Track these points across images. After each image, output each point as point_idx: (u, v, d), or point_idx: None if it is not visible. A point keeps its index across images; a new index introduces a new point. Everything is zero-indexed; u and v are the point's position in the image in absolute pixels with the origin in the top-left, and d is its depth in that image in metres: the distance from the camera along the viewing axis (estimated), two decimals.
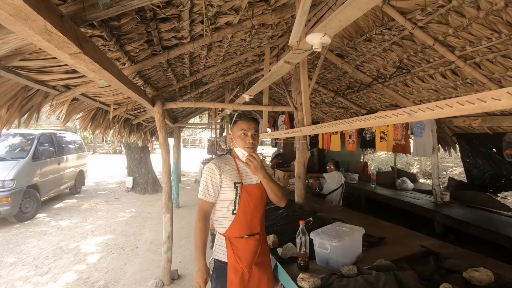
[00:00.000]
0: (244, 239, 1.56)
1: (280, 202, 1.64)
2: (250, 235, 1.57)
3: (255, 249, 1.57)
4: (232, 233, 1.56)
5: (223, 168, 1.57)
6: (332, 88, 4.46)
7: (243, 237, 1.56)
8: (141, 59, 2.31)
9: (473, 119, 3.13)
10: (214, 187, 1.55)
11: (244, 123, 1.57)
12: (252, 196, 1.58)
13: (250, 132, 1.57)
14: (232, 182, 1.55)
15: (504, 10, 1.68)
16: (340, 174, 4.40)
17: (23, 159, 5.71)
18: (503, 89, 0.74)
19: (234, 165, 1.62)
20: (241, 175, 1.60)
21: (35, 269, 3.60)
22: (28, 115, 2.04)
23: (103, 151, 24.53)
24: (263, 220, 1.69)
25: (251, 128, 1.58)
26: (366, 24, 2.54)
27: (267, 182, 1.55)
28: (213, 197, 1.56)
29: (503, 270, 1.62)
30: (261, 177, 1.54)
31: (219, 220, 1.59)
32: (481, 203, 3.66)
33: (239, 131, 1.58)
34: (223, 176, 1.55)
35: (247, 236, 1.56)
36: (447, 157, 10.00)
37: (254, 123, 1.60)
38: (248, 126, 1.58)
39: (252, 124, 1.59)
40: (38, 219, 5.74)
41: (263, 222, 1.69)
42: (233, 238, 1.55)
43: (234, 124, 1.61)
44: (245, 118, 1.59)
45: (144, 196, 7.97)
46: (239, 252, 1.53)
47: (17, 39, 1.28)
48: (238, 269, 1.51)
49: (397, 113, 1.24)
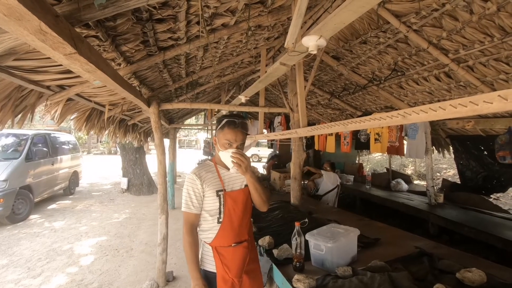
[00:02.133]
0: (232, 247, 1.50)
1: (263, 206, 1.58)
2: (238, 243, 1.52)
3: (244, 257, 1.52)
4: (219, 242, 1.50)
5: (204, 176, 1.51)
6: (328, 90, 4.48)
7: (231, 246, 1.50)
8: (136, 60, 2.30)
9: (467, 121, 3.17)
10: (198, 197, 1.49)
11: (231, 134, 1.48)
12: (237, 202, 1.53)
13: (235, 144, 1.49)
14: (214, 191, 1.49)
15: (497, 14, 1.71)
16: (335, 175, 4.43)
17: (16, 160, 5.63)
18: (494, 92, 0.75)
19: (216, 172, 1.56)
20: (223, 182, 1.54)
21: (28, 271, 3.55)
22: (22, 115, 2.02)
23: (98, 151, 24.31)
24: (250, 226, 1.64)
25: (237, 141, 1.49)
26: (362, 27, 2.56)
27: (253, 182, 1.49)
28: (198, 208, 1.50)
29: (495, 270, 1.64)
30: (248, 177, 1.48)
31: (204, 230, 1.53)
32: (474, 204, 3.71)
33: (224, 139, 1.50)
34: (205, 186, 1.49)
35: (234, 244, 1.51)
36: (441, 158, 10.11)
37: (242, 135, 1.51)
38: (234, 138, 1.49)
39: (240, 137, 1.50)
40: (31, 220, 5.67)
41: (250, 228, 1.64)
42: (220, 247, 1.49)
43: (221, 130, 1.52)
44: (234, 128, 1.49)
45: (139, 197, 7.92)
46: (228, 262, 1.48)
47: (11, 38, 1.26)
48: (228, 279, 1.45)
49: (392, 115, 1.26)
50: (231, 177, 1.57)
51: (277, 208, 3.04)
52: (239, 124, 1.50)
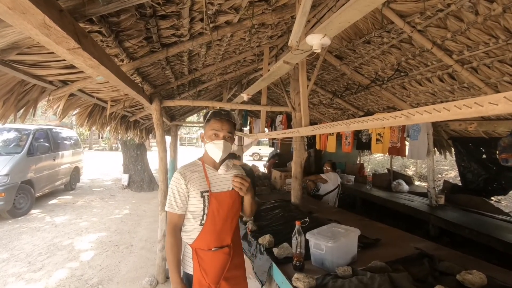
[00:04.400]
0: (212, 251, 1.43)
1: (249, 215, 1.63)
2: (218, 248, 1.45)
3: (223, 263, 1.44)
4: (199, 244, 1.44)
5: (190, 176, 1.45)
6: (330, 90, 4.47)
7: (211, 250, 1.43)
8: (139, 56, 2.30)
9: (469, 123, 3.16)
10: (182, 197, 1.43)
11: (216, 123, 1.42)
12: (223, 205, 1.45)
13: (222, 133, 1.42)
14: (199, 192, 1.43)
15: (502, 15, 1.70)
16: (336, 175, 4.43)
17: (18, 154, 5.65)
18: (500, 94, 0.74)
19: (203, 171, 1.49)
20: (209, 182, 1.47)
21: (28, 266, 3.57)
22: (24, 110, 2.02)
23: (99, 147, 24.37)
24: (236, 231, 1.57)
25: (224, 129, 1.43)
26: (366, 27, 2.55)
27: (250, 200, 1.52)
28: (181, 209, 1.44)
29: (496, 273, 1.64)
30: (249, 197, 1.50)
31: (187, 231, 1.47)
32: (475, 207, 3.70)
33: (210, 130, 1.44)
34: (190, 186, 1.43)
35: (215, 248, 1.44)
36: (443, 160, 10.07)
37: (228, 124, 1.44)
38: (220, 126, 1.42)
39: (226, 125, 1.43)
40: (32, 215, 5.69)
41: (236, 234, 1.57)
42: (200, 250, 1.43)
43: (207, 123, 1.47)
44: (220, 117, 1.44)
45: (139, 194, 7.94)
46: (206, 266, 1.41)
47: (14, 32, 1.26)
48: (204, 284, 1.40)
49: (395, 116, 1.25)
50: (220, 178, 1.50)
51: (277, 207, 3.04)
52: (225, 114, 1.46)
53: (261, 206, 3.05)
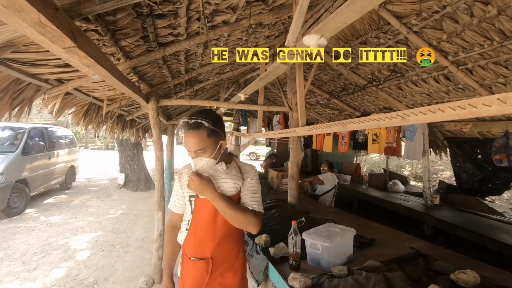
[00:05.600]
0: (191, 261, 1.32)
1: (247, 229, 1.29)
2: (197, 259, 1.31)
3: (199, 278, 1.29)
4: (185, 249, 1.37)
5: (184, 178, 1.37)
6: (327, 90, 4.48)
7: (190, 259, 1.33)
8: (136, 55, 2.29)
9: (464, 124, 3.18)
10: (179, 197, 1.40)
11: (185, 137, 1.23)
12: (203, 213, 1.30)
13: (191, 153, 1.25)
14: (187, 195, 1.36)
15: (497, 18, 1.72)
16: (333, 175, 4.44)
17: (13, 153, 5.60)
18: (493, 95, 0.75)
19: None
20: None
21: (23, 265, 3.54)
22: (19, 109, 2.00)
23: (95, 146, 24.20)
24: (225, 245, 1.33)
25: (191, 145, 1.22)
26: (362, 27, 2.56)
27: (217, 205, 1.24)
28: (179, 208, 1.41)
29: (490, 272, 1.66)
30: (209, 198, 1.24)
31: (181, 231, 1.41)
32: (470, 207, 3.74)
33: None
34: (183, 187, 1.37)
35: (193, 258, 1.31)
36: (438, 160, 10.16)
37: (197, 137, 1.21)
38: (188, 141, 1.23)
39: (194, 138, 1.21)
40: (27, 214, 5.64)
41: (223, 247, 1.33)
42: (184, 255, 1.36)
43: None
44: (186, 130, 1.23)
45: (136, 193, 7.90)
46: (185, 275, 1.34)
47: (9, 31, 1.25)
48: None
49: (391, 116, 1.26)
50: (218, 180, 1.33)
51: (274, 206, 3.05)
52: (193, 125, 1.22)
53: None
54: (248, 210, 1.28)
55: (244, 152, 14.42)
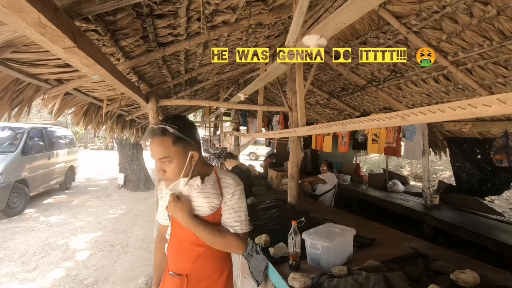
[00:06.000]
0: (170, 275, 1.25)
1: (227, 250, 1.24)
2: (174, 274, 1.23)
3: None
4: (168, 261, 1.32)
5: (164, 190, 1.30)
6: (327, 90, 4.49)
7: (169, 273, 1.27)
8: (136, 55, 2.29)
9: (464, 124, 3.19)
10: (162, 208, 1.35)
11: (150, 145, 1.15)
12: (179, 230, 1.22)
13: (158, 165, 1.16)
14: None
15: (496, 18, 1.72)
16: (333, 175, 4.44)
17: (12, 153, 5.60)
18: (493, 95, 0.76)
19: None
20: None
21: (22, 266, 3.53)
22: (19, 109, 2.00)
23: (95, 147, 24.19)
24: (201, 262, 1.22)
25: (155, 152, 1.13)
26: (362, 27, 2.56)
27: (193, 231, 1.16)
28: (164, 220, 1.35)
29: (489, 272, 1.66)
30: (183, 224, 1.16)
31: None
32: (469, 207, 3.74)
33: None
34: (163, 199, 1.30)
35: (171, 273, 1.24)
36: (438, 160, 10.16)
37: (158, 145, 1.12)
38: (151, 149, 1.14)
39: (155, 147, 1.12)
40: (26, 214, 5.64)
41: (202, 264, 1.22)
42: (167, 266, 1.32)
43: None
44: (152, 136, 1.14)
45: (135, 193, 7.90)
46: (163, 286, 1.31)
47: (9, 31, 1.25)
48: None
49: (391, 116, 1.26)
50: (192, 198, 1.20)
51: (274, 206, 3.05)
52: (157, 131, 1.13)
53: (257, 206, 3.05)
54: (229, 234, 1.18)
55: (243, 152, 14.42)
